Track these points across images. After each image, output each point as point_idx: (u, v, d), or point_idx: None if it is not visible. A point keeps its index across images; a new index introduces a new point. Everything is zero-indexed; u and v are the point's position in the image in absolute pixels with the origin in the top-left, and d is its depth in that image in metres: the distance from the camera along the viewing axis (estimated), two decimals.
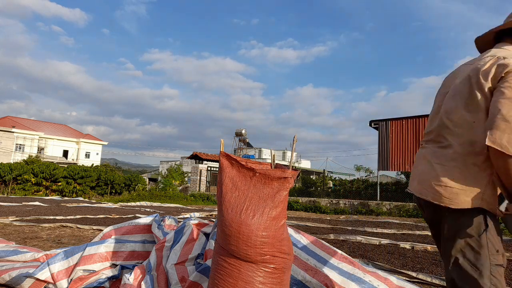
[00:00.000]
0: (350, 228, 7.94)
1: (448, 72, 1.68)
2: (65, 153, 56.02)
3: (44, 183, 22.62)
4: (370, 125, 17.26)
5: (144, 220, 3.32)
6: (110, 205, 13.91)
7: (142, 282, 2.48)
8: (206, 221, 3.07)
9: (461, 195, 1.41)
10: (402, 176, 23.75)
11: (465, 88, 1.51)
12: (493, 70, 1.43)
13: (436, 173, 1.48)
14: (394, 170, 16.92)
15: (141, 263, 2.92)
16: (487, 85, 1.43)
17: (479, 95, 1.44)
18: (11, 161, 34.19)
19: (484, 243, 1.38)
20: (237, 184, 1.72)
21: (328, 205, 15.96)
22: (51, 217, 7.67)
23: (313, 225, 8.47)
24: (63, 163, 41.72)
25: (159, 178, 33.28)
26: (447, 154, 1.49)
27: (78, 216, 8.18)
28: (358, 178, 23.24)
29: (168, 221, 3.47)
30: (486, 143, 1.33)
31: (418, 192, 1.55)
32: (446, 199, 1.43)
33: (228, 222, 1.67)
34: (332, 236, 5.95)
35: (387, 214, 13.88)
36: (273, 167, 1.84)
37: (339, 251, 2.71)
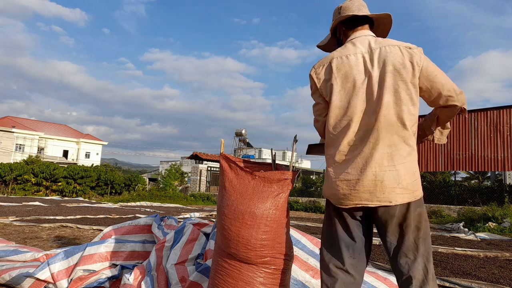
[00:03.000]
0: None
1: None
2: (65, 153, 56.01)
3: (44, 183, 22.62)
4: None
5: (144, 220, 3.33)
6: (110, 205, 13.91)
7: (142, 282, 2.48)
8: (206, 221, 3.07)
9: None
10: None
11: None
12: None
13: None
14: None
15: (141, 263, 2.92)
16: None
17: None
18: (11, 161, 34.21)
19: None
20: (236, 187, 1.72)
21: None
22: (51, 217, 7.67)
23: (313, 225, 8.47)
24: (63, 163, 41.74)
25: (159, 178, 33.29)
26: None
27: (78, 216, 8.18)
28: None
29: (168, 221, 3.47)
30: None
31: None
32: None
33: (227, 226, 1.67)
34: None
35: None
36: (273, 167, 1.84)
37: None
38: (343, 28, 1.68)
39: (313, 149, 1.88)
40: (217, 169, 22.97)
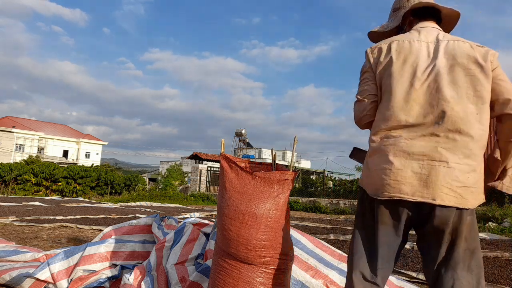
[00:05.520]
0: (350, 228, 7.94)
1: None
2: (65, 153, 56.04)
3: (44, 183, 22.62)
4: None
5: (144, 220, 3.33)
6: (110, 205, 13.91)
7: (142, 282, 2.48)
8: (206, 221, 3.07)
9: None
10: None
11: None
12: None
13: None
14: None
15: (141, 263, 2.92)
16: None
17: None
18: (11, 161, 34.21)
19: None
20: (236, 187, 1.72)
21: (328, 205, 15.96)
22: (51, 217, 7.67)
23: (313, 225, 8.48)
24: (63, 163, 41.73)
25: (159, 178, 33.31)
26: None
27: (78, 216, 8.18)
28: (358, 178, 23.27)
29: (168, 221, 3.47)
30: None
31: None
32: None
33: (227, 226, 1.67)
34: (332, 236, 5.95)
35: None
36: (274, 168, 1.84)
37: (339, 251, 2.71)
38: (410, 18, 1.58)
39: (357, 154, 1.76)
40: (217, 169, 22.97)
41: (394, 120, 1.36)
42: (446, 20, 1.61)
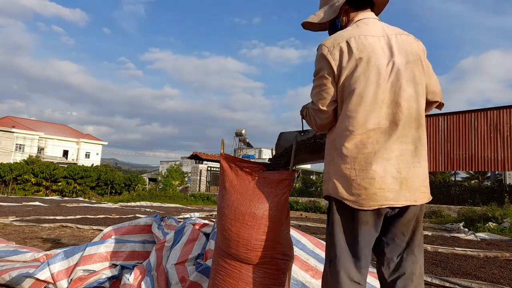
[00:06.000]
0: None
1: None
2: (65, 153, 56.02)
3: (44, 183, 22.63)
4: None
5: (144, 220, 3.33)
6: (110, 205, 13.92)
7: (142, 282, 2.48)
8: (206, 221, 3.07)
9: None
10: None
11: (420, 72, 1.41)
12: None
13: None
14: None
15: (141, 263, 2.92)
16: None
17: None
18: (11, 161, 34.20)
19: None
20: (236, 188, 1.72)
21: None
22: (51, 217, 7.67)
23: (313, 225, 8.48)
24: (63, 163, 41.72)
25: (159, 178, 33.30)
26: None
27: (78, 216, 8.18)
28: None
29: (168, 221, 3.47)
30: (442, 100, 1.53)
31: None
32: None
33: (227, 226, 1.67)
34: None
35: None
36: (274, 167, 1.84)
37: None
38: (346, 7, 1.52)
39: (299, 155, 1.75)
40: (217, 169, 22.97)
41: (367, 125, 1.33)
42: (377, 6, 1.59)
